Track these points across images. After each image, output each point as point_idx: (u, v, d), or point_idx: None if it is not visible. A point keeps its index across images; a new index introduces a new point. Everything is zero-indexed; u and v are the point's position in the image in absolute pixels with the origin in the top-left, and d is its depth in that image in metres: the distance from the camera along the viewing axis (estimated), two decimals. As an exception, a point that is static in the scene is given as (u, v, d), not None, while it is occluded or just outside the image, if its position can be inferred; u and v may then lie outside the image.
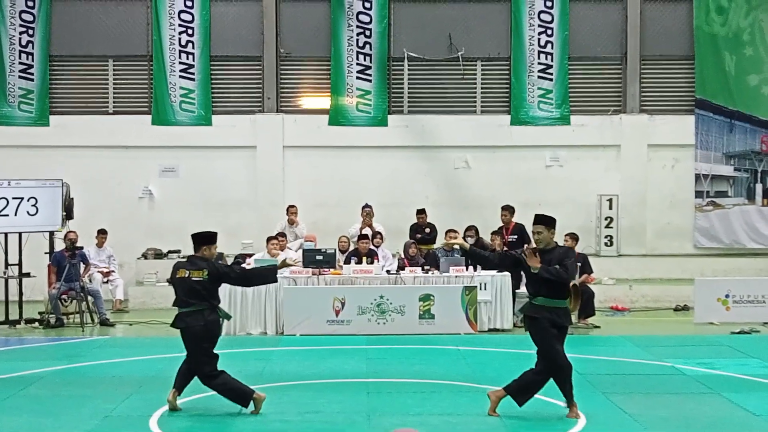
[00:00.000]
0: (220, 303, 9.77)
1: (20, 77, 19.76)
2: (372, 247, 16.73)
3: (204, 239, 9.90)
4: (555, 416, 9.48)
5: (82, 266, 16.49)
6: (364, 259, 16.13)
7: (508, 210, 17.17)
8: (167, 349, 13.39)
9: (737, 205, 20.19)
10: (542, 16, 19.97)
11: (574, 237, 16.46)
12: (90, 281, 16.83)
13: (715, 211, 20.17)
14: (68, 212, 16.88)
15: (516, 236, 16.88)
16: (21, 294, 16.25)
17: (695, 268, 18.98)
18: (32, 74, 19.82)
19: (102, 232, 18.14)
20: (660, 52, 20.31)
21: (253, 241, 18.55)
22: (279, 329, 15.11)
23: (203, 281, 9.57)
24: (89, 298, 15.98)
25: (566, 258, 9.57)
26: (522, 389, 9.41)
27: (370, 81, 19.97)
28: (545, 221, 9.68)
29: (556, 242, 9.74)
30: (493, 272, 15.58)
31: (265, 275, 10.11)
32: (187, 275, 9.64)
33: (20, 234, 16.17)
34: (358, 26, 19.90)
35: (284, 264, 10.32)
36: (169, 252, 19.39)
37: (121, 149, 19.79)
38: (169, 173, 19.93)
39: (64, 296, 16.12)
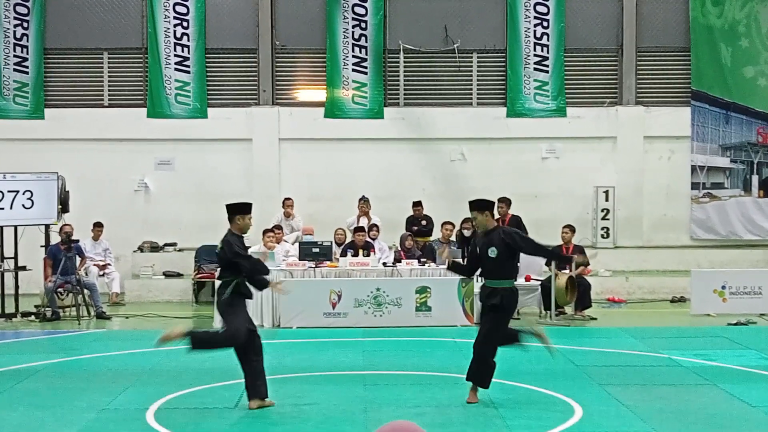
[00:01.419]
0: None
1: (15, 70, 19.72)
2: (368, 239, 16.72)
3: (236, 209, 9.89)
4: (551, 407, 9.48)
5: (78, 259, 16.47)
6: (361, 251, 16.12)
7: (504, 202, 17.15)
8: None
9: (733, 197, 20.20)
10: (538, 7, 19.94)
11: (571, 229, 16.47)
12: (86, 274, 16.83)
13: (711, 202, 20.18)
14: (64, 205, 16.84)
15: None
16: (17, 287, 16.23)
17: (692, 260, 19.01)
18: (27, 67, 19.78)
19: (98, 225, 18.12)
20: (656, 43, 20.29)
21: (249, 234, 18.47)
22: (275, 322, 15.10)
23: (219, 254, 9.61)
24: (85, 291, 15.96)
25: (515, 234, 9.86)
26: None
27: (365, 73, 19.94)
28: (477, 206, 9.81)
29: (496, 221, 9.72)
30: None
31: (262, 282, 9.98)
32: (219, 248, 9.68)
33: (16, 227, 16.14)
34: (353, 18, 19.86)
35: (274, 285, 10.25)
36: (165, 245, 19.39)
37: (117, 142, 19.76)
38: (164, 166, 19.89)
39: (60, 289, 16.11)
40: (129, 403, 9.77)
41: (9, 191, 15.94)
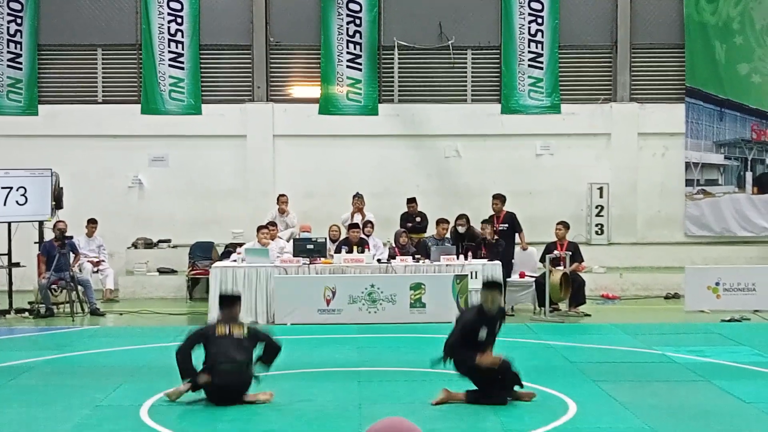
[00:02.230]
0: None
1: (8, 66, 19.66)
2: (363, 236, 16.71)
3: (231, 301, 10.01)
4: (545, 403, 9.49)
5: (72, 256, 16.44)
6: (355, 248, 16.11)
7: (499, 199, 17.14)
8: (158, 338, 13.40)
9: (727, 194, 20.21)
10: (532, 4, 19.94)
11: (565, 225, 16.48)
12: (80, 271, 16.80)
13: (705, 199, 20.20)
14: (57, 202, 16.81)
15: (507, 225, 16.87)
16: (10, 284, 16.20)
17: (685, 256, 19.02)
18: (20, 63, 19.73)
19: (92, 222, 18.09)
20: (650, 40, 20.30)
21: (243, 231, 18.54)
22: (270, 318, 15.09)
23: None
24: (79, 287, 15.94)
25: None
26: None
27: (360, 70, 19.92)
28: (496, 287, 9.79)
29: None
30: (484, 261, 15.61)
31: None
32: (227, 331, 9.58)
33: (9, 224, 16.11)
34: (348, 15, 19.84)
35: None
36: (159, 241, 19.37)
37: (111, 138, 19.72)
38: (158, 162, 19.86)
39: (54, 286, 16.08)
40: (123, 400, 9.77)
41: (2, 187, 15.92)
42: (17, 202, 16.07)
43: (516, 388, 9.58)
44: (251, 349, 9.59)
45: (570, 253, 16.02)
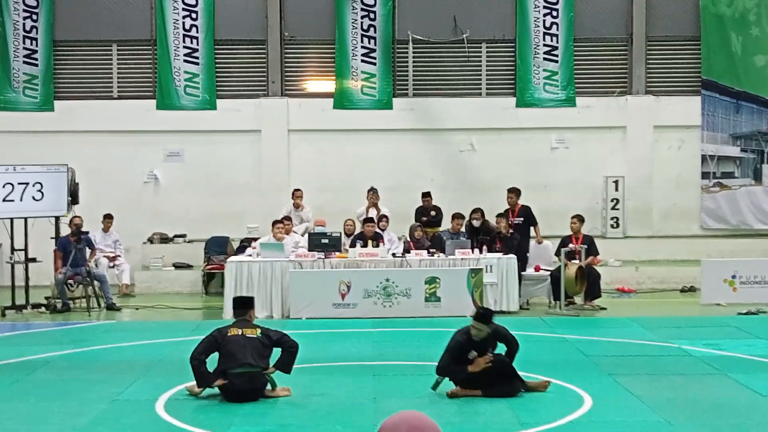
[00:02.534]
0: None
1: (24, 62, 19.74)
2: (378, 230, 16.71)
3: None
4: (560, 396, 9.48)
5: (88, 251, 16.50)
6: (370, 242, 16.11)
7: (514, 192, 17.09)
8: (173, 333, 13.45)
9: (744, 186, 20.12)
10: (547, -3, 19.88)
11: (580, 219, 16.43)
12: (96, 266, 16.86)
13: (721, 192, 20.11)
14: (74, 197, 16.87)
15: (522, 218, 16.85)
16: (27, 279, 16.27)
17: (702, 250, 18.92)
18: (36, 59, 19.80)
19: (108, 217, 18.16)
20: (666, 32, 20.21)
21: (258, 225, 18.59)
22: (285, 313, 15.12)
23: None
24: (95, 282, 15.99)
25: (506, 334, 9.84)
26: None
27: (374, 64, 19.91)
28: (487, 319, 9.71)
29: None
30: (499, 255, 15.59)
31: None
32: (240, 332, 9.56)
33: (26, 219, 16.18)
34: (362, 9, 19.83)
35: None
36: (175, 236, 19.43)
37: (126, 134, 19.78)
38: (174, 158, 19.90)
39: (70, 281, 16.15)
40: (139, 394, 9.80)
41: (19, 183, 15.97)
42: (33, 197, 16.13)
43: (526, 378, 9.61)
44: (265, 351, 9.55)
45: (585, 246, 15.99)
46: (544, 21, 19.91)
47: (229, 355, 9.42)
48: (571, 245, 15.86)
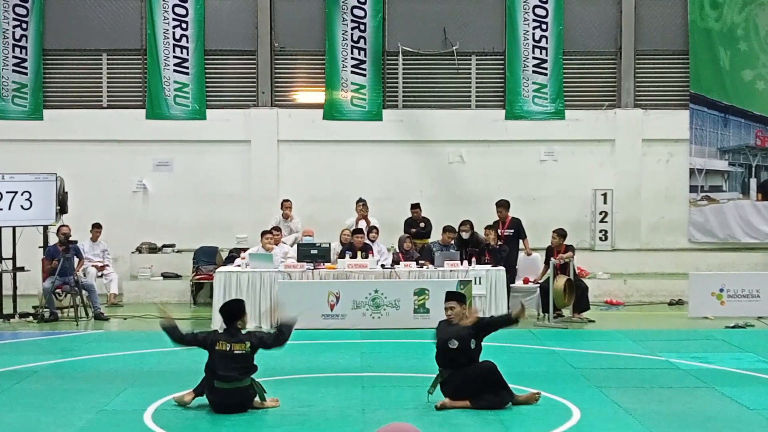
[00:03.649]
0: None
1: (14, 71, 19.70)
2: (367, 241, 16.72)
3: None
4: (549, 409, 9.48)
5: (76, 260, 16.45)
6: (359, 253, 16.11)
7: (503, 206, 17.09)
8: (161, 343, 13.34)
9: (732, 200, 20.20)
10: (537, 10, 19.95)
11: (560, 234, 16.09)
12: (84, 275, 16.82)
13: (709, 205, 20.18)
14: (62, 206, 16.85)
15: (512, 230, 16.86)
16: (15, 288, 16.21)
17: (690, 263, 18.96)
18: (26, 68, 19.77)
19: (96, 227, 18.11)
20: (654, 46, 20.30)
21: (247, 236, 18.56)
22: (274, 323, 15.05)
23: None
24: (83, 292, 15.95)
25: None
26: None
27: (364, 75, 19.94)
28: (458, 297, 10.04)
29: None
30: (488, 267, 15.61)
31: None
32: (228, 348, 9.45)
33: (14, 228, 16.12)
34: (352, 20, 19.86)
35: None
36: (164, 246, 19.39)
37: (115, 143, 19.76)
38: (163, 167, 19.88)
39: (58, 290, 16.09)
40: (127, 404, 9.78)
41: (7, 192, 15.93)
42: (22, 206, 16.08)
43: (514, 390, 9.63)
44: (251, 361, 9.50)
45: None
46: (533, 34, 19.98)
47: (215, 368, 9.39)
48: (552, 259, 15.76)
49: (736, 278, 16.40)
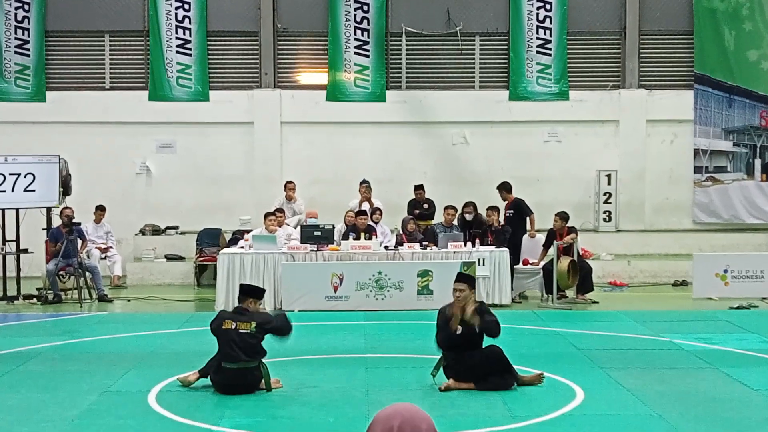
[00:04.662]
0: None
1: (16, 53, 19.66)
2: (370, 223, 16.70)
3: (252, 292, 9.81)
4: (552, 390, 9.48)
5: (80, 242, 16.45)
6: (363, 234, 16.10)
7: (504, 188, 17.01)
8: (165, 325, 13.44)
9: (736, 181, 20.15)
10: (541, -10, 19.85)
11: (562, 217, 16.08)
12: (88, 257, 16.82)
13: (713, 186, 20.14)
14: (66, 188, 16.84)
15: (513, 210, 16.81)
16: (19, 270, 16.24)
17: (694, 244, 18.96)
18: (28, 50, 19.72)
19: (100, 208, 18.11)
20: (659, 26, 20.21)
21: (250, 217, 18.55)
22: (277, 305, 15.10)
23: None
24: (87, 274, 15.96)
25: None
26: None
27: (367, 56, 19.87)
28: (469, 281, 9.87)
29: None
30: (491, 248, 15.58)
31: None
32: (233, 326, 9.43)
33: (17, 210, 16.14)
34: (355, 1, 19.77)
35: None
36: (167, 228, 19.39)
37: (118, 125, 19.72)
38: (166, 149, 19.86)
39: (61, 272, 16.11)
40: (131, 386, 9.79)
41: (11, 174, 15.93)
42: (25, 188, 16.09)
43: (519, 372, 9.62)
44: (258, 343, 9.50)
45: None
46: (537, 14, 19.89)
47: (221, 349, 9.44)
48: (555, 242, 15.71)
49: (741, 259, 16.39)
